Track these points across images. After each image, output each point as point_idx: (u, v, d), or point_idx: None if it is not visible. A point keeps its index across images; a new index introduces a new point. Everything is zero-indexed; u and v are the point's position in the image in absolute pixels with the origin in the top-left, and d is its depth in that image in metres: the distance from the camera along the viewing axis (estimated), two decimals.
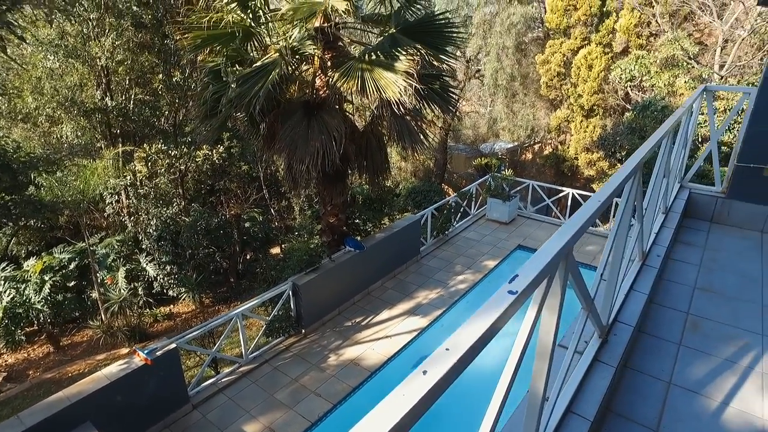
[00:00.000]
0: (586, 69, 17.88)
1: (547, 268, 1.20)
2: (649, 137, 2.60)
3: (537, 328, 1.51)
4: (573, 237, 1.34)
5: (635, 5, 17.68)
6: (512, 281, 1.10)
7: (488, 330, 0.92)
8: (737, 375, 2.67)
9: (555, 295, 1.39)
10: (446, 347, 0.86)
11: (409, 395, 0.74)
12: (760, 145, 4.24)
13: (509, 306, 1.01)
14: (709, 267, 3.81)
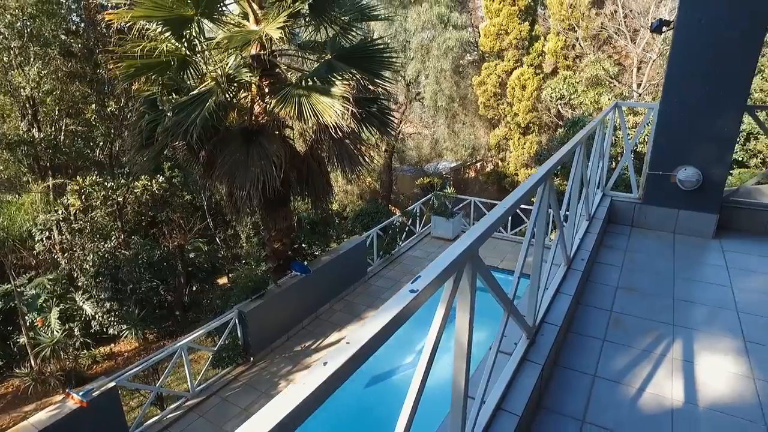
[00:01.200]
0: (520, 89, 18.82)
1: (451, 268, 1.31)
2: (561, 148, 2.84)
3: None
4: (477, 239, 1.47)
5: (560, 30, 18.88)
6: (415, 281, 1.20)
7: (388, 325, 1.01)
8: (652, 363, 2.90)
9: (465, 296, 1.50)
10: (347, 341, 0.94)
11: (309, 384, 0.81)
12: (665, 154, 4.64)
13: (409, 303, 1.10)
14: (629, 268, 4.10)
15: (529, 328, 2.56)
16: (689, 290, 3.72)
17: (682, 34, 4.35)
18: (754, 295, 3.63)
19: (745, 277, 3.90)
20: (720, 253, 4.36)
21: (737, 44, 4.10)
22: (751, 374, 2.78)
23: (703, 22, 4.22)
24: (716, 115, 4.33)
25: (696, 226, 4.69)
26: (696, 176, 4.51)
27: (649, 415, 2.52)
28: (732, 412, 2.51)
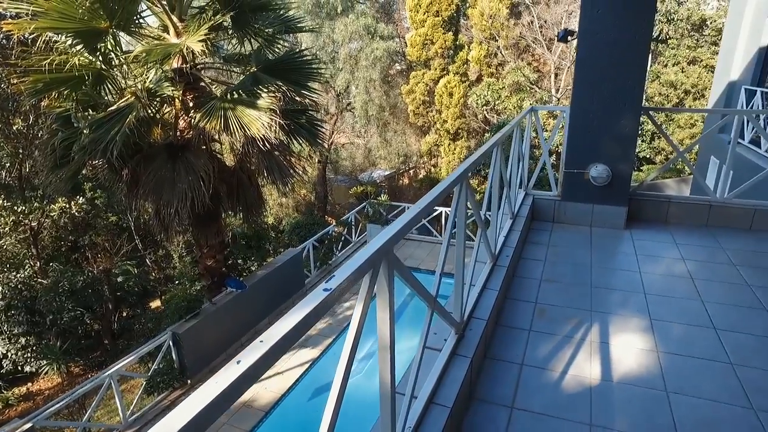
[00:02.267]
0: (448, 96, 19.44)
1: (366, 267, 1.38)
2: (477, 150, 3.01)
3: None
4: (391, 238, 1.55)
5: (482, 39, 19.72)
6: (329, 281, 1.26)
7: (301, 323, 1.05)
8: (573, 347, 3.11)
9: (383, 293, 1.58)
10: (261, 339, 0.98)
11: (221, 382, 0.84)
12: (578, 154, 5.00)
13: (322, 301, 1.16)
14: (552, 261, 4.37)
15: (457, 324, 2.68)
16: (604, 278, 4.02)
17: (583, 44, 4.73)
18: (657, 278, 3.99)
19: (650, 263, 4.28)
20: (630, 241, 4.75)
21: (628, 53, 4.52)
22: (655, 348, 3.06)
23: (600, 35, 4.61)
24: (617, 116, 4.73)
25: (609, 219, 5.08)
26: (606, 173, 4.89)
27: (571, 394, 2.71)
28: (640, 384, 2.75)
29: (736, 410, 2.55)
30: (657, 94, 17.60)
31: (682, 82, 17.01)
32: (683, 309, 3.53)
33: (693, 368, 2.89)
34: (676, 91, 17.20)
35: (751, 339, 3.16)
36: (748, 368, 2.86)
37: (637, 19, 4.47)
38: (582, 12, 4.69)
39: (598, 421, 2.51)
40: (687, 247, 4.60)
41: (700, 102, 16.90)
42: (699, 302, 3.62)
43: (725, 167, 5.28)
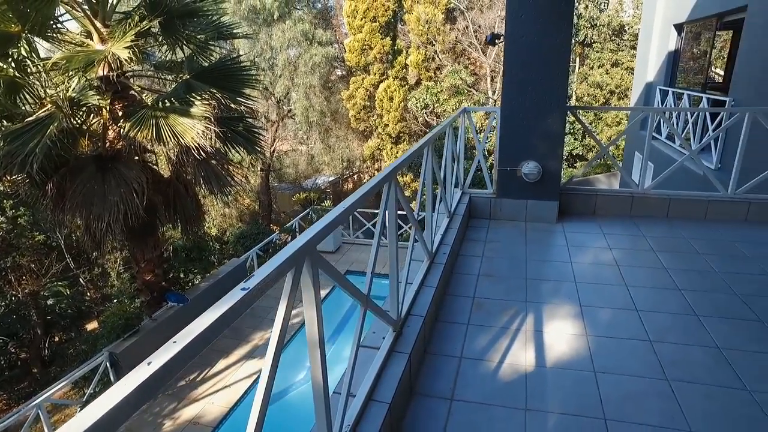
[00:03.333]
0: (388, 101, 19.66)
1: (287, 265, 1.39)
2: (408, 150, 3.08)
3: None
4: (314, 236, 1.57)
5: (419, 44, 20.09)
6: (248, 280, 1.26)
7: (217, 322, 1.05)
8: (509, 337, 3.24)
9: (309, 291, 1.59)
10: (174, 340, 0.97)
11: (129, 384, 0.83)
12: (510, 152, 5.21)
13: (239, 301, 1.15)
14: (489, 256, 4.52)
15: (394, 322, 2.73)
16: (538, 269, 4.21)
17: (511, 47, 4.93)
18: (587, 267, 4.22)
19: (580, 253, 4.51)
20: (562, 234, 4.99)
21: (551, 55, 4.77)
22: (585, 332, 3.24)
23: (524, 38, 4.84)
24: (545, 115, 4.97)
25: (542, 213, 5.31)
26: (537, 169, 5.12)
27: (508, 382, 2.81)
28: (571, 366, 2.90)
29: (653, 383, 2.74)
30: (586, 94, 18.59)
31: (607, 83, 18.05)
32: (610, 294, 3.75)
33: (618, 348, 3.08)
34: (602, 91, 18.23)
35: (668, 317, 3.40)
36: (664, 344, 3.08)
37: (558, 24, 4.72)
38: (507, 17, 4.90)
39: (533, 404, 2.62)
40: (613, 237, 4.89)
41: (624, 101, 18.00)
42: (624, 287, 3.85)
43: (642, 161, 5.65)
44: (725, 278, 3.97)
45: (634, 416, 2.52)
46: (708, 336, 3.18)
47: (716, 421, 2.47)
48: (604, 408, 2.58)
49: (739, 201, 5.30)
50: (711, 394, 2.65)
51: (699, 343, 3.11)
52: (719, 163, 7.54)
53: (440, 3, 19.61)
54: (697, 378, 2.78)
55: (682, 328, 3.29)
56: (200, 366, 7.68)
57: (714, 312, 3.46)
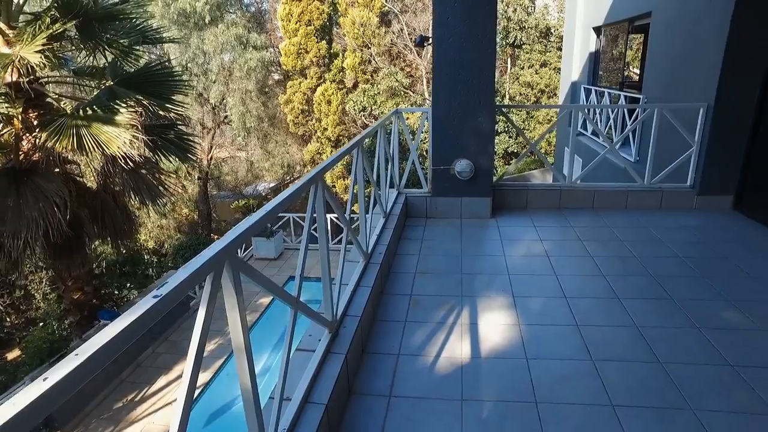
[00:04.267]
0: (326, 104, 19.59)
1: (204, 270, 1.36)
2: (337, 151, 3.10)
3: None
4: (233, 241, 1.55)
5: (355, 47, 20.16)
6: (161, 287, 1.23)
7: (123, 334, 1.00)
8: (446, 332, 3.31)
9: (231, 296, 1.57)
10: (76, 353, 0.93)
11: (19, 403, 0.78)
12: (443, 151, 5.34)
13: (149, 309, 1.12)
14: (425, 254, 4.60)
15: (330, 323, 2.73)
16: (473, 264, 4.33)
17: (438, 49, 5.06)
18: (519, 259, 4.39)
19: (513, 246, 4.69)
20: (496, 229, 5.16)
21: (477, 56, 4.93)
22: (518, 322, 3.36)
23: (451, 40, 4.97)
24: (474, 115, 5.13)
25: (476, 210, 5.47)
26: (469, 167, 5.27)
27: (445, 375, 2.88)
28: (504, 356, 3.01)
29: (580, 364, 2.89)
30: (518, 93, 19.34)
31: (537, 82, 18.87)
32: (541, 284, 3.92)
33: (548, 335, 3.22)
34: (533, 90, 19.03)
35: (593, 302, 3.60)
36: (590, 327, 3.26)
37: (482, 25, 4.89)
38: (434, 19, 5.03)
39: (469, 395, 2.70)
40: (543, 229, 5.11)
41: (553, 99, 18.86)
42: (553, 276, 4.04)
43: (567, 155, 5.95)
44: (642, 262, 4.25)
45: (562, 397, 2.64)
46: (627, 316, 3.39)
47: (635, 393, 2.64)
48: (536, 392, 2.69)
49: (654, 190, 5.69)
50: (630, 369, 2.83)
51: (620, 323, 3.31)
52: (638, 156, 8.06)
53: (375, 6, 19.78)
54: (618, 356, 2.96)
55: (605, 311, 3.49)
56: (139, 385, 7.34)
57: (633, 294, 3.70)
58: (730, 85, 5.23)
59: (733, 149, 5.42)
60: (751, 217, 5.31)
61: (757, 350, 2.99)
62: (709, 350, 3.00)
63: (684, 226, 5.11)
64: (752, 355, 2.95)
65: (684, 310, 3.46)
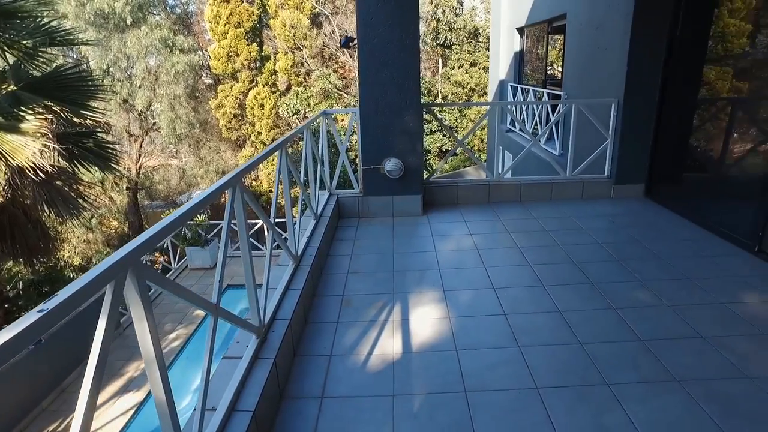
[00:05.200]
0: (259, 108, 19.21)
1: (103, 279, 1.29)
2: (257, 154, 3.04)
3: None
4: (137, 248, 1.47)
5: (287, 49, 19.91)
6: (48, 301, 1.15)
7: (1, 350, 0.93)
8: (377, 330, 3.33)
9: (137, 305, 1.50)
10: None
11: None
12: (372, 151, 5.37)
13: (32, 324, 1.04)
14: (357, 254, 4.61)
15: (257, 329, 2.67)
16: (405, 261, 4.38)
17: (363, 49, 5.08)
18: (449, 253, 4.49)
19: (444, 241, 4.79)
20: (427, 225, 5.25)
21: (402, 55, 5.00)
22: (448, 315, 3.44)
23: (376, 40, 5.01)
24: (402, 114, 5.20)
25: (407, 208, 5.54)
26: (399, 166, 5.33)
27: (377, 372, 2.89)
28: (435, 349, 3.06)
29: (507, 351, 2.99)
30: (450, 93, 19.81)
31: (467, 81, 19.41)
32: (470, 277, 4.03)
33: (477, 326, 3.31)
34: (464, 89, 19.57)
35: (520, 291, 3.74)
36: (517, 315, 3.39)
37: (406, 26, 4.96)
38: (358, 19, 5.05)
39: (400, 389, 2.72)
40: (473, 223, 5.26)
41: (483, 97, 19.47)
42: (482, 269, 4.16)
43: (496, 151, 6.15)
44: (565, 250, 4.47)
45: (490, 384, 2.72)
46: (552, 302, 3.55)
47: (558, 374, 2.76)
48: (465, 382, 2.76)
49: (575, 182, 6.00)
50: (553, 352, 2.97)
51: (544, 310, 3.46)
52: (561, 150, 8.46)
53: (305, 8, 19.62)
54: (542, 341, 3.09)
55: (531, 299, 3.63)
56: (65, 413, 6.88)
57: (557, 281, 3.88)
58: (636, 82, 5.61)
59: (642, 142, 5.81)
60: (659, 203, 5.72)
61: (662, 325, 3.22)
62: (623, 328, 3.20)
63: (602, 214, 5.42)
64: (658, 329, 3.17)
65: (602, 292, 3.67)
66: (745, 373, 2.73)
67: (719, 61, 5.24)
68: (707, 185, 5.67)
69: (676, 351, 2.94)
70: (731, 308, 3.42)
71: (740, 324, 3.22)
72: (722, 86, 5.25)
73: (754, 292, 3.65)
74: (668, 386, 2.64)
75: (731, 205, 4.93)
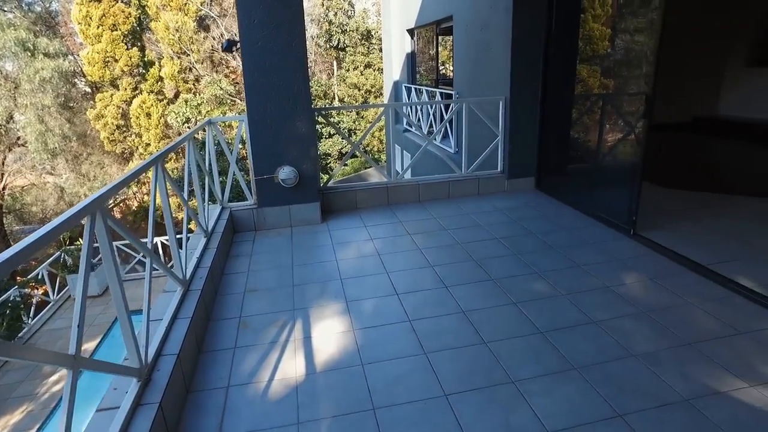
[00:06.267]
0: (146, 117, 17.87)
1: None
2: (127, 172, 2.69)
3: None
4: None
5: (172, 54, 18.70)
6: None
7: None
8: (278, 352, 3.10)
9: None
10: None
11: None
12: (264, 159, 5.08)
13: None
14: (255, 270, 4.32)
15: (137, 370, 2.34)
16: (305, 274, 4.17)
17: (248, 53, 4.79)
18: (350, 261, 4.36)
19: (344, 249, 4.65)
20: (327, 234, 5.07)
21: (289, 59, 4.79)
22: (351, 327, 3.30)
23: (260, 43, 4.75)
24: (292, 119, 4.98)
25: (306, 216, 5.33)
26: (293, 174, 5.10)
27: (279, 400, 2.67)
28: (340, 366, 2.91)
29: (414, 360, 2.91)
30: (346, 95, 19.78)
31: (363, 83, 19.51)
32: (373, 284, 3.92)
33: (382, 336, 3.20)
34: (360, 91, 19.65)
35: (423, 294, 3.70)
36: (421, 320, 3.33)
37: (290, 28, 4.75)
38: (240, 23, 4.75)
39: (306, 416, 2.53)
40: (374, 228, 5.17)
41: (380, 99, 19.70)
42: (385, 275, 4.07)
43: (393, 152, 6.13)
44: (466, 248, 4.52)
45: (398, 398, 2.62)
46: (455, 303, 3.54)
47: (465, 378, 2.72)
48: (373, 398, 2.63)
49: (471, 178, 6.15)
50: (458, 355, 2.94)
51: (448, 311, 3.44)
52: (457, 148, 8.71)
53: (190, 10, 18.55)
54: (447, 344, 3.05)
55: (435, 301, 3.60)
56: None
57: (459, 280, 3.89)
58: (520, 79, 5.87)
59: (530, 136, 6.10)
60: (549, 194, 6.04)
61: (560, 314, 3.34)
62: (524, 322, 3.26)
63: (498, 209, 5.60)
64: (556, 319, 3.27)
65: (503, 288, 3.73)
66: (631, 352, 2.89)
67: (589, 60, 5.63)
68: (588, 175, 6.07)
69: (574, 338, 3.04)
70: (616, 290, 3.64)
71: (624, 305, 3.42)
72: (594, 83, 5.65)
73: (633, 273, 3.92)
74: (568, 375, 2.71)
75: (609, 193, 5.31)
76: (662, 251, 4.25)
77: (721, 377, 2.65)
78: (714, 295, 3.53)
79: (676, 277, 3.83)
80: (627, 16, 5.13)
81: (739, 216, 5.06)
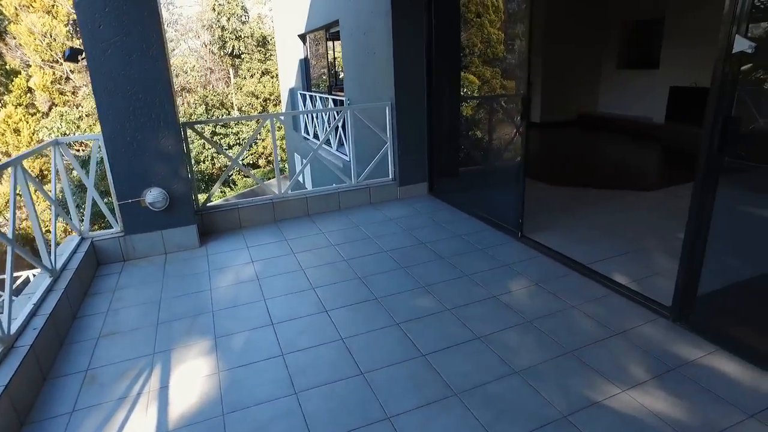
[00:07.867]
0: (13, 134, 15.94)
1: None
2: None
3: None
4: None
5: (41, 63, 16.89)
6: None
7: None
8: (127, 410, 2.67)
9: None
10: None
11: None
12: (127, 182, 4.53)
13: None
14: (116, 308, 3.80)
15: None
16: (173, 308, 3.73)
17: (95, 63, 4.23)
18: (225, 290, 3.97)
19: (220, 276, 4.25)
20: (205, 259, 4.64)
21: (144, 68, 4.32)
22: (217, 369, 2.94)
23: (110, 51, 4.22)
24: (156, 136, 4.49)
25: (181, 241, 4.85)
26: (162, 196, 4.61)
27: None
28: (197, 419, 2.54)
29: (282, 402, 2.62)
30: (244, 104, 18.98)
31: (261, 91, 18.82)
32: (247, 315, 3.57)
33: (251, 376, 2.87)
34: (258, 99, 18.94)
35: (301, 322, 3.41)
36: (295, 353, 3.05)
37: (145, 33, 4.27)
38: (82, 28, 4.18)
39: None
40: (257, 248, 4.81)
41: (279, 107, 19.13)
42: (262, 302, 3.74)
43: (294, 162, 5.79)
44: (351, 264, 4.30)
45: None
46: (334, 330, 3.29)
47: (337, 420, 2.47)
48: None
49: (362, 188, 5.97)
50: (332, 392, 2.68)
51: (326, 340, 3.19)
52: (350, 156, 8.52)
53: (59, 13, 16.84)
54: (321, 380, 2.79)
55: (312, 329, 3.33)
56: None
57: (341, 302, 3.66)
58: (404, 83, 5.79)
59: (418, 141, 6.04)
60: (442, 199, 6.01)
61: (443, 333, 3.19)
62: (406, 345, 3.08)
63: (390, 219, 5.46)
64: (440, 339, 3.12)
65: (386, 308, 3.55)
66: (513, 368, 2.80)
67: (491, 62, 5.70)
68: (477, 177, 6.13)
69: (456, 359, 2.90)
70: (502, 299, 3.59)
71: (510, 315, 3.36)
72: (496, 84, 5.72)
73: (520, 279, 3.91)
74: (448, 403, 2.55)
75: (496, 195, 5.36)
76: (548, 252, 4.31)
77: (597, 385, 2.62)
78: (594, 295, 3.59)
79: (560, 280, 3.86)
80: (511, 23, 5.25)
81: (617, 209, 5.32)
